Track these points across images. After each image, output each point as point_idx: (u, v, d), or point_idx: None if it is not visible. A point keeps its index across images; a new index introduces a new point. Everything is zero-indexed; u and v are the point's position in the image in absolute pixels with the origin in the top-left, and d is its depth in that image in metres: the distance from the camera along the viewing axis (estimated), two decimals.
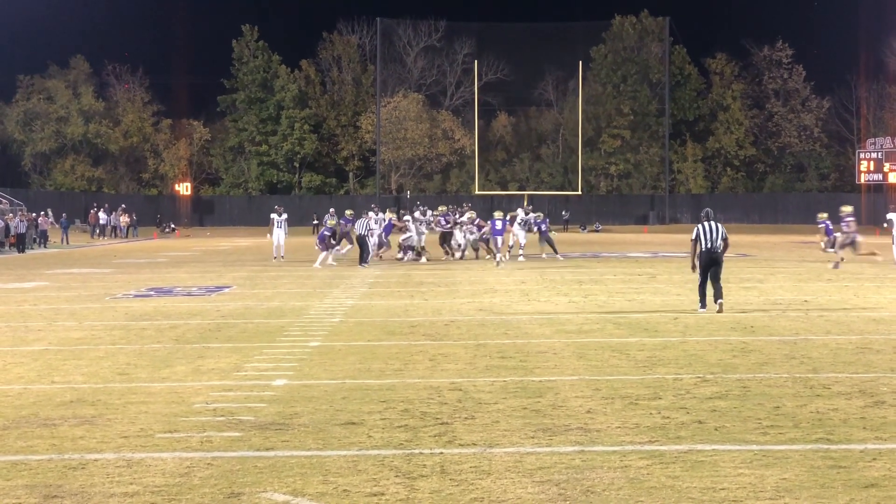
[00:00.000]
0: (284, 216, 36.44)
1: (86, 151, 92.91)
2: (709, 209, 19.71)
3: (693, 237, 19.07)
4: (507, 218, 36.22)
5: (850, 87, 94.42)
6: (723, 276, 28.07)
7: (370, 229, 33.93)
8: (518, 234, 36.80)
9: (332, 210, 43.51)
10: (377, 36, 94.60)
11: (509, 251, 36.48)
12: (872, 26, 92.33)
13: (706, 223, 18.93)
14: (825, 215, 36.87)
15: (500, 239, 34.56)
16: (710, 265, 18.80)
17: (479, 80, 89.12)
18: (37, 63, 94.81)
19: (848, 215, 32.87)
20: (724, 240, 18.96)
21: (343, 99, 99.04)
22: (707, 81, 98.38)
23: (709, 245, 18.73)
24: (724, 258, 19.21)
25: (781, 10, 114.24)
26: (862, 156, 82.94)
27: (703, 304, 18.98)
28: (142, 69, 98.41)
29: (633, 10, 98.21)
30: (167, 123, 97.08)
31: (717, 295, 18.71)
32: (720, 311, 18.49)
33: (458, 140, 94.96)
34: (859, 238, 32.61)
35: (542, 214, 37.47)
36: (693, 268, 19.13)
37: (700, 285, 19.06)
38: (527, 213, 36.68)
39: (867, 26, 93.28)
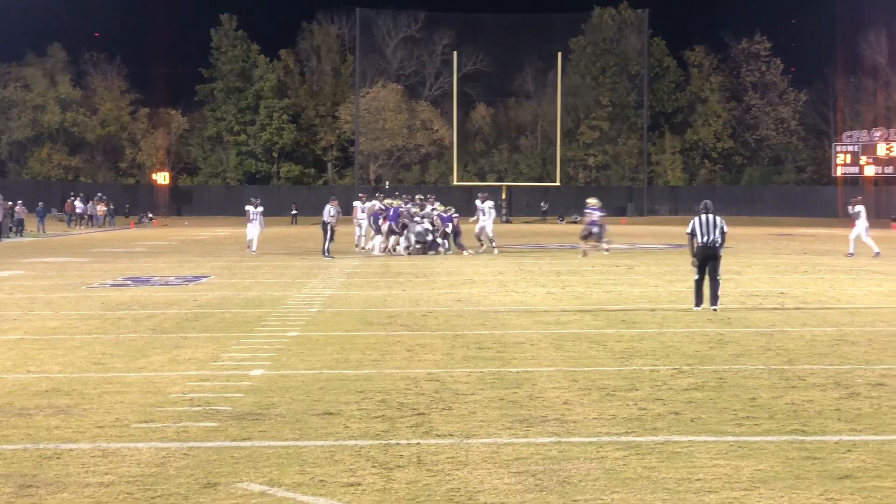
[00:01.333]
0: (260, 208, 35.85)
1: (62, 140, 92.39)
2: (707, 201, 18.46)
3: (689, 231, 18.06)
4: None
5: (827, 80, 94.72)
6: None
7: (332, 216, 33.32)
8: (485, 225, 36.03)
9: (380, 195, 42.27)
10: (356, 26, 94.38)
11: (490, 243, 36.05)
12: (850, 20, 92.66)
13: (703, 216, 17.90)
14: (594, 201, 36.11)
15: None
16: (706, 260, 17.82)
17: (458, 70, 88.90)
18: (14, 51, 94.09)
19: (592, 207, 33.73)
20: (723, 233, 17.93)
21: (322, 89, 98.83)
22: (685, 74, 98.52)
23: (705, 239, 17.73)
24: (721, 252, 18.15)
25: (760, 3, 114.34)
26: (838, 149, 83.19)
27: (699, 302, 17.91)
28: (119, 57, 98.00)
29: (612, 2, 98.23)
30: (145, 112, 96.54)
31: (713, 296, 17.73)
32: (714, 311, 17.59)
33: (437, 131, 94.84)
34: (605, 228, 35.21)
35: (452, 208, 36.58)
36: (694, 263, 18.11)
37: (697, 281, 18.03)
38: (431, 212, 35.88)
39: (845, 20, 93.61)
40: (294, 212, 78.61)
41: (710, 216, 17.92)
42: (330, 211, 33.24)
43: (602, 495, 7.04)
